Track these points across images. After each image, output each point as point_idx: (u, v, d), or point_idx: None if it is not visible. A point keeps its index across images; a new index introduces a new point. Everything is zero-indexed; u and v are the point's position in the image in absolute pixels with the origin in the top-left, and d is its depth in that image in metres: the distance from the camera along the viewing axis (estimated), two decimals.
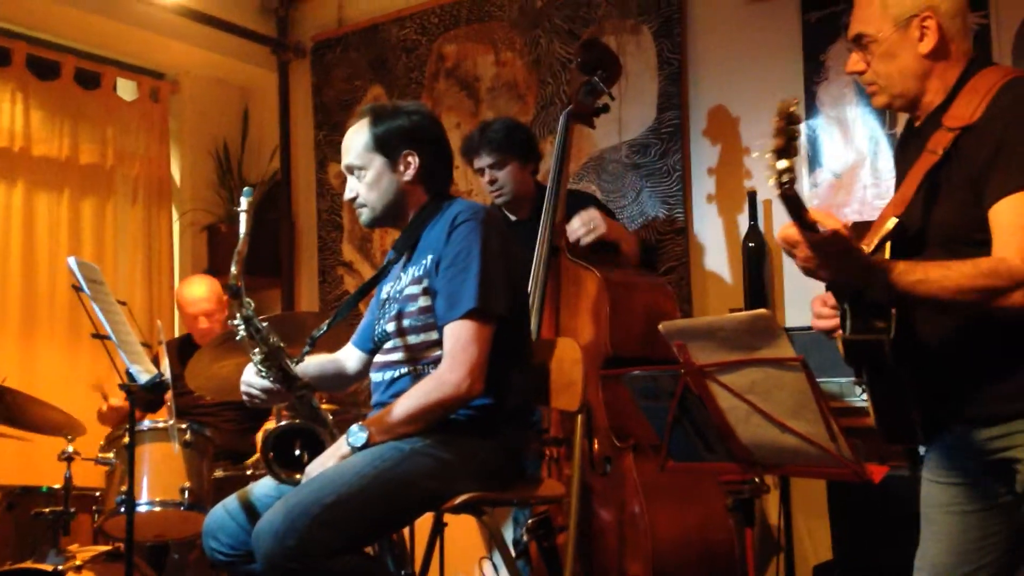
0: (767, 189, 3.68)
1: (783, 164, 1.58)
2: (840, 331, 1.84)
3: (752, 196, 3.63)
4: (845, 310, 1.82)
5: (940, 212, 1.85)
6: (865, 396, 1.89)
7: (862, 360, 1.83)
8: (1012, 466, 1.80)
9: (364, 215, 2.47)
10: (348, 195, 2.48)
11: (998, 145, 1.75)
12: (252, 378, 2.40)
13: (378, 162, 2.42)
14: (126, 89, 4.94)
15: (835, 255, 1.71)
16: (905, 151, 2.04)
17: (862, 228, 1.90)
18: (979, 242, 1.76)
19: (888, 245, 1.82)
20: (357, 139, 2.45)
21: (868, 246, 1.81)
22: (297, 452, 2.31)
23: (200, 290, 4.09)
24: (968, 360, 1.83)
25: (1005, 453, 1.80)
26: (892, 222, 1.84)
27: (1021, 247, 1.70)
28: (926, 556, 1.96)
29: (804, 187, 3.64)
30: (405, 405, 2.25)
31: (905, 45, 1.90)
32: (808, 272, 1.76)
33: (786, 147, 1.58)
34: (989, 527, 1.88)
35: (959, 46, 1.91)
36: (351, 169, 2.46)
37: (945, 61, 1.90)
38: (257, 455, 3.68)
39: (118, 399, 3.86)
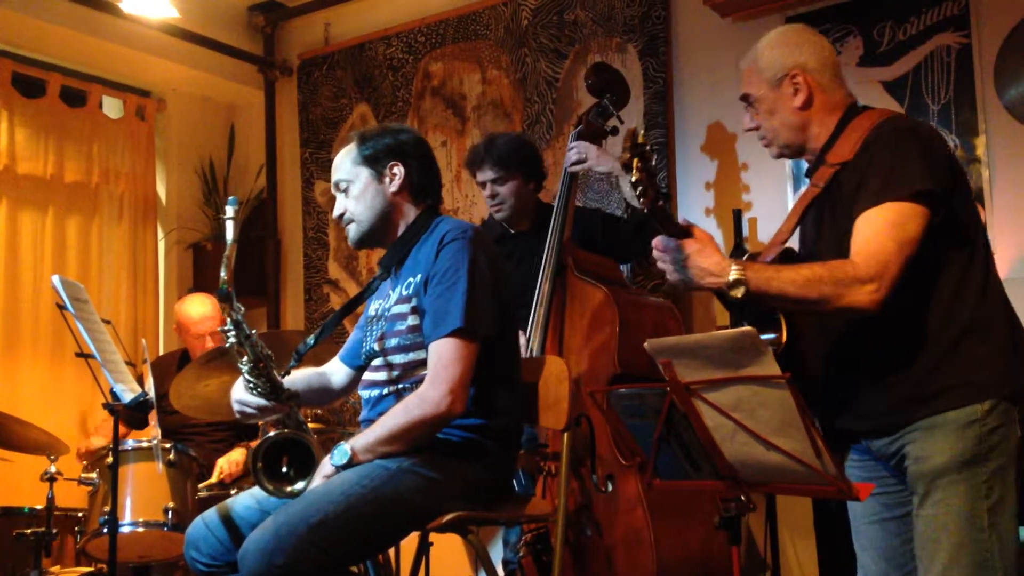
0: (758, 206, 3.71)
1: (634, 177, 1.78)
2: None
3: (738, 213, 3.64)
4: (742, 323, 2.01)
5: (824, 240, 2.03)
6: None
7: None
8: (904, 463, 1.94)
9: (352, 231, 2.47)
10: (336, 212, 2.48)
11: (863, 173, 1.94)
12: (243, 395, 2.39)
13: (364, 174, 2.43)
14: (112, 107, 4.93)
15: (695, 254, 1.89)
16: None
17: (753, 259, 2.07)
18: None
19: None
20: (345, 158, 2.47)
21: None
22: (285, 469, 2.30)
23: (207, 308, 4.04)
24: (857, 371, 1.98)
25: (899, 455, 1.95)
26: (778, 250, 2.03)
27: (867, 251, 1.86)
28: (862, 567, 2.08)
29: (789, 204, 3.66)
30: (387, 424, 2.25)
31: (782, 101, 2.10)
32: (672, 277, 1.94)
33: (630, 162, 1.78)
34: (907, 532, 1.99)
35: (832, 96, 2.09)
36: (339, 186, 2.47)
37: (820, 111, 2.08)
38: (242, 475, 3.67)
39: (100, 439, 3.84)
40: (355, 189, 2.43)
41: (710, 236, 1.97)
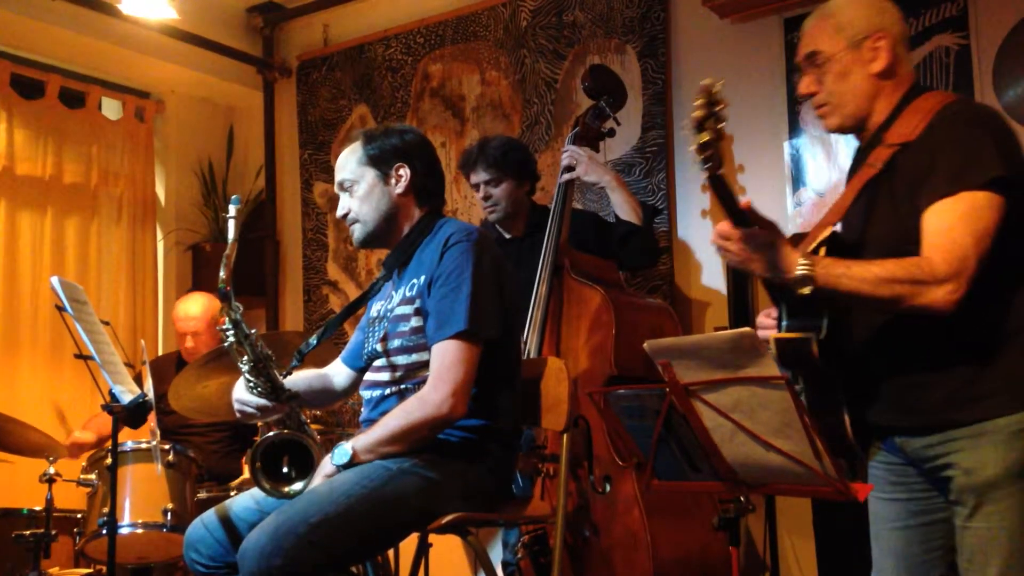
0: (755, 206, 3.70)
1: (704, 136, 1.67)
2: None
3: None
4: (782, 312, 1.90)
5: (879, 224, 1.91)
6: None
7: (792, 361, 1.85)
8: (945, 472, 1.85)
9: (356, 231, 2.47)
10: (340, 212, 2.48)
11: (933, 157, 1.82)
12: (244, 394, 2.39)
13: (370, 175, 2.43)
14: (111, 108, 4.93)
15: (766, 247, 1.79)
16: (852, 172, 2.09)
17: (799, 238, 1.97)
18: (916, 253, 1.81)
19: (823, 251, 1.89)
20: (350, 157, 2.46)
21: (804, 251, 1.87)
22: (285, 469, 2.30)
23: (193, 308, 4.05)
24: (900, 367, 1.88)
25: (939, 460, 1.85)
26: (828, 230, 1.91)
27: (943, 247, 1.76)
28: (878, 571, 2.01)
29: (788, 206, 3.66)
30: (388, 424, 2.25)
31: (858, 65, 1.96)
32: (741, 265, 1.84)
33: (704, 120, 1.67)
34: (931, 541, 1.93)
35: (904, 69, 1.98)
36: (343, 186, 2.46)
37: (892, 82, 1.97)
38: (243, 477, 3.66)
39: (88, 433, 3.84)
40: (360, 189, 2.43)
41: (775, 224, 1.88)
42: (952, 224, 1.77)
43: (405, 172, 2.42)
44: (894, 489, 1.97)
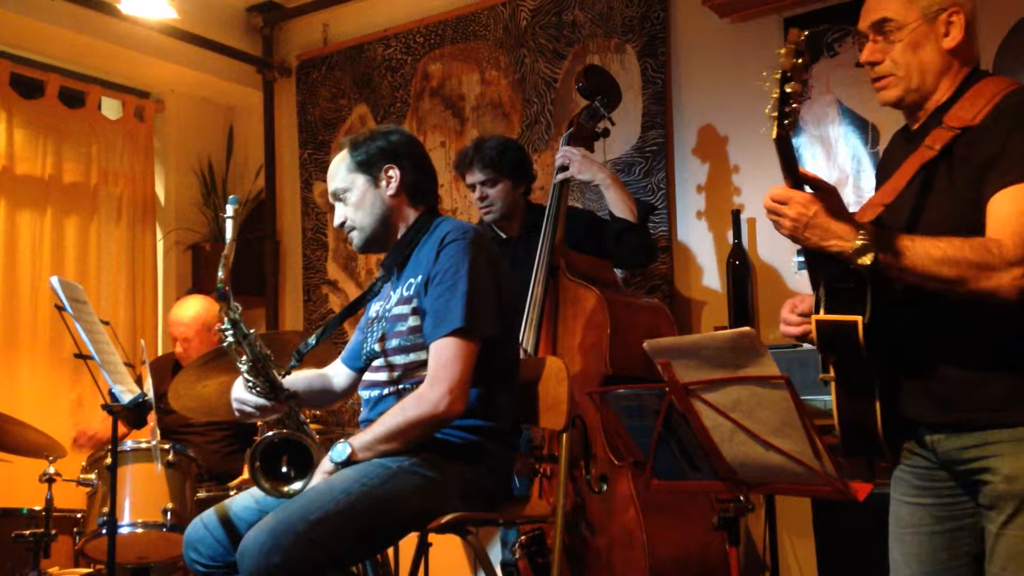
0: (752, 207, 3.71)
1: (790, 88, 1.58)
2: (809, 335, 1.81)
3: (736, 214, 3.65)
4: (820, 297, 1.80)
5: (936, 208, 1.83)
6: (831, 396, 1.85)
7: (834, 346, 1.78)
8: (981, 476, 1.78)
9: (355, 239, 2.48)
10: (337, 221, 2.49)
11: (1001, 145, 1.75)
12: (243, 394, 2.39)
13: (360, 181, 2.43)
14: (111, 108, 4.93)
15: (827, 213, 1.70)
16: (891, 157, 2.02)
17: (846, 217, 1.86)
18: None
19: None
20: (339, 166, 2.47)
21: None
22: (285, 468, 2.30)
23: (185, 313, 4.04)
24: (946, 357, 1.80)
25: (975, 463, 1.79)
26: (878, 210, 1.82)
27: (1015, 232, 1.68)
28: (895, 574, 1.95)
29: None
30: (386, 423, 2.25)
31: (930, 38, 1.87)
32: (795, 232, 1.74)
33: (792, 72, 1.57)
34: (958, 547, 1.87)
35: (972, 49, 1.90)
36: (336, 195, 2.48)
37: (960, 60, 1.88)
38: (242, 477, 3.66)
39: (98, 427, 3.84)
40: (353, 196, 2.44)
41: (835, 189, 1.78)
42: None
43: (395, 173, 2.43)
44: (919, 493, 1.90)
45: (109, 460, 2.91)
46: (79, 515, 3.42)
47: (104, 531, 3.03)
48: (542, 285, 3.20)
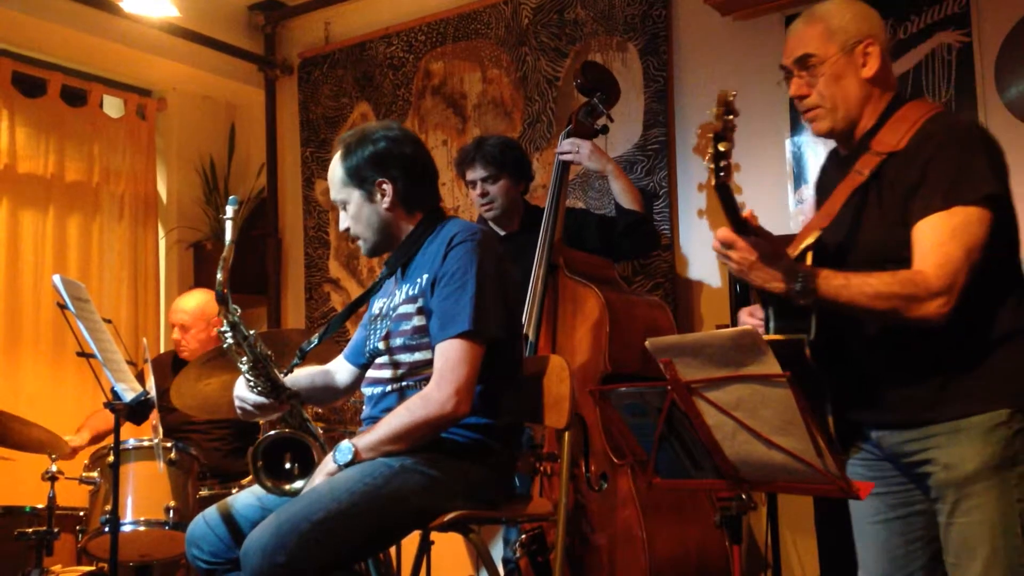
0: (752, 206, 3.70)
1: (724, 146, 1.72)
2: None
3: None
4: (769, 314, 1.95)
5: (867, 231, 1.95)
6: None
7: (783, 362, 1.85)
8: (924, 468, 1.90)
9: (362, 246, 2.49)
10: (341, 227, 2.49)
11: (924, 170, 1.86)
12: (245, 392, 2.39)
13: (355, 196, 2.42)
14: (112, 106, 4.93)
15: (768, 257, 1.84)
16: (826, 178, 2.16)
17: (784, 240, 1.99)
18: (905, 260, 1.86)
19: (810, 255, 1.93)
20: (335, 173, 2.45)
21: (791, 254, 1.92)
22: (288, 465, 2.30)
23: (187, 302, 4.04)
24: (884, 365, 1.94)
25: (917, 456, 1.91)
26: (815, 234, 1.95)
27: (936, 262, 1.81)
28: (863, 567, 2.06)
29: (789, 203, 3.66)
30: (391, 423, 2.25)
31: (850, 69, 1.99)
32: (741, 274, 1.88)
33: (723, 132, 1.72)
34: (911, 533, 1.98)
35: (890, 77, 2.03)
36: (336, 204, 2.48)
37: (879, 89, 2.01)
38: (250, 476, 3.67)
39: (76, 437, 3.83)
40: (351, 209, 2.44)
41: (773, 236, 1.92)
42: (945, 238, 1.82)
43: (387, 187, 2.39)
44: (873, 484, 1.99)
45: (111, 458, 2.91)
46: (82, 513, 3.42)
47: (106, 529, 3.03)
48: (541, 283, 3.21)
